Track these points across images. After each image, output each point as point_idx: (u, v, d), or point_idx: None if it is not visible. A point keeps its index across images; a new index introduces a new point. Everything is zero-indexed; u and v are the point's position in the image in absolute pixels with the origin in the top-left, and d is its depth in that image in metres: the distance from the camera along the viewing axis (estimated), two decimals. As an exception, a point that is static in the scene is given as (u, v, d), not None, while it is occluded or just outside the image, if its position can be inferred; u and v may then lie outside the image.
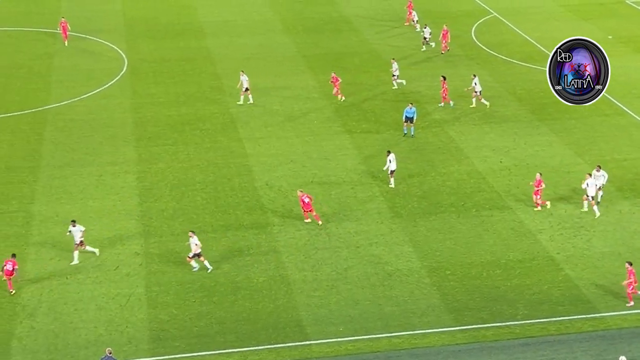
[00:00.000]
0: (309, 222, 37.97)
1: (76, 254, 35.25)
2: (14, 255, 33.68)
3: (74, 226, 35.23)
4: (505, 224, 38.19)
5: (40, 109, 49.58)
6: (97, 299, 32.99)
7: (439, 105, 50.02)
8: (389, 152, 41.26)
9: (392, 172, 41.16)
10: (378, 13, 67.49)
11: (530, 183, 39.49)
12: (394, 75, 52.36)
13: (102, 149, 44.84)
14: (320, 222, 37.86)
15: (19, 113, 48.92)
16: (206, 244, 36.10)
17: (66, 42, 60.13)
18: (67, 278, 34.16)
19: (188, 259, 34.73)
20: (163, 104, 50.45)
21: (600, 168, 39.91)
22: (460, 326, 31.51)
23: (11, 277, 33.24)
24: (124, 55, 58.12)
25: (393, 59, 53.32)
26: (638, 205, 39.73)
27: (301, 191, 38.12)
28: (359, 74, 55.06)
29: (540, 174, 39.21)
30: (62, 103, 50.35)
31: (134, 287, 33.73)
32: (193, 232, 34.93)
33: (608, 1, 71.40)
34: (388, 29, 63.79)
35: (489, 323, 31.72)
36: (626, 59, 57.90)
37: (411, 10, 64.48)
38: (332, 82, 50.75)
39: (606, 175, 39.93)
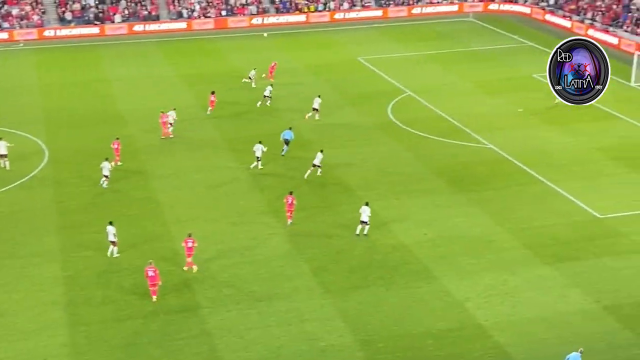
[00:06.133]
0: (239, 303, 38.11)
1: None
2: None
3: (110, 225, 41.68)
4: (433, 294, 38.89)
5: (-41, 203, 48.66)
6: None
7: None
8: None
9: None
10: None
11: None
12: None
13: (24, 239, 44.13)
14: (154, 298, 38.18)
15: None
16: (135, 330, 35.76)
17: None
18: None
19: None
20: (85, 193, 50.04)
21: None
22: (395, 398, 31.74)
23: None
24: (44, 147, 57.62)
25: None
26: (558, 269, 41.01)
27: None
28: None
29: None
30: (-18, 196, 49.55)
31: (63, 378, 32.98)
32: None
33: (515, 76, 74.66)
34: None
35: (423, 393, 32.09)
36: (538, 129, 60.48)
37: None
38: None
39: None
